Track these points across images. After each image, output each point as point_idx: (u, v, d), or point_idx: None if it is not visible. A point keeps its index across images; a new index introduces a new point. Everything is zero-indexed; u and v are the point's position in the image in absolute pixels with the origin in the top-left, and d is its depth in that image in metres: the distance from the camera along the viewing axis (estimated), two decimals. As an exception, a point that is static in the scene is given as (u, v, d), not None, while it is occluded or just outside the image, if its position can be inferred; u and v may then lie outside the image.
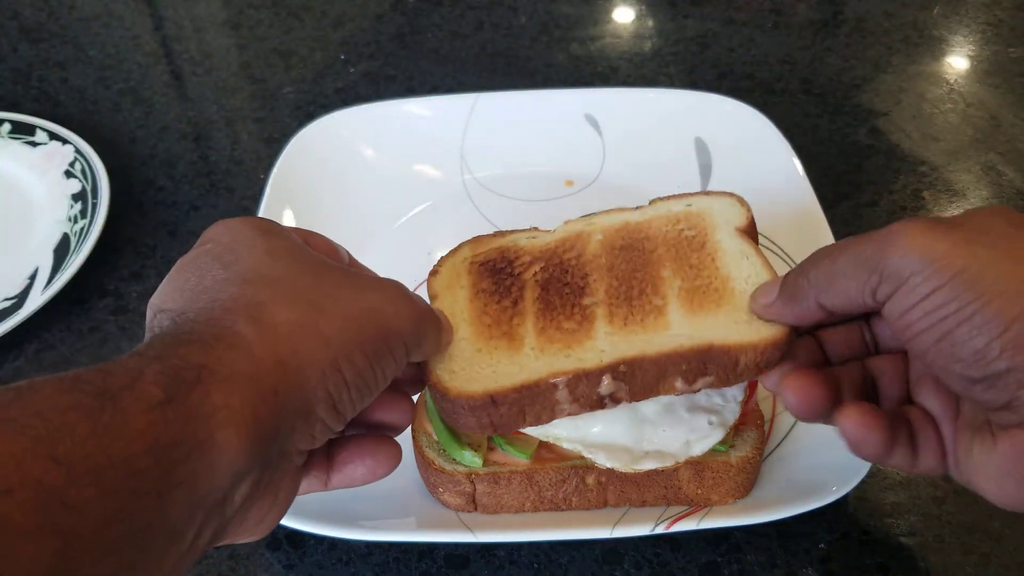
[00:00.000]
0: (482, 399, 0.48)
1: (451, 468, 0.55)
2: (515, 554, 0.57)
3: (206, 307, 0.36)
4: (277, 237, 0.41)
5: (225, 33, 1.07)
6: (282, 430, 0.35)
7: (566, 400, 0.48)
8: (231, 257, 0.39)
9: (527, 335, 0.51)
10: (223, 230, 0.41)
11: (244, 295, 0.37)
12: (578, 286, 0.53)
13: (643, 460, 0.53)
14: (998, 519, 0.57)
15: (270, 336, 0.35)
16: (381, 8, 1.09)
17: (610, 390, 0.48)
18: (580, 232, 0.57)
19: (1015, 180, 0.82)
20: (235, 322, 0.35)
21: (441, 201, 0.79)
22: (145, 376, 0.31)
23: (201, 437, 0.31)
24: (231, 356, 0.34)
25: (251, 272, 0.38)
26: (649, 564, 0.56)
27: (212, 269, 0.38)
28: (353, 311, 0.38)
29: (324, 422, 0.37)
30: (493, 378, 0.48)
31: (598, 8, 1.08)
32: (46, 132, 0.86)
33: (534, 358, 0.49)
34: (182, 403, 0.31)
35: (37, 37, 1.06)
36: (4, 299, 0.72)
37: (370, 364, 0.38)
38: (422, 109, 0.83)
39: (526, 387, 0.48)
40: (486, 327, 0.52)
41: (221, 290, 0.37)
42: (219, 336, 0.35)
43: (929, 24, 1.03)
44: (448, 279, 0.56)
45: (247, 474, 0.34)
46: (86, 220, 0.77)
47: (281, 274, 0.38)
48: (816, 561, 0.56)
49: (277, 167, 0.75)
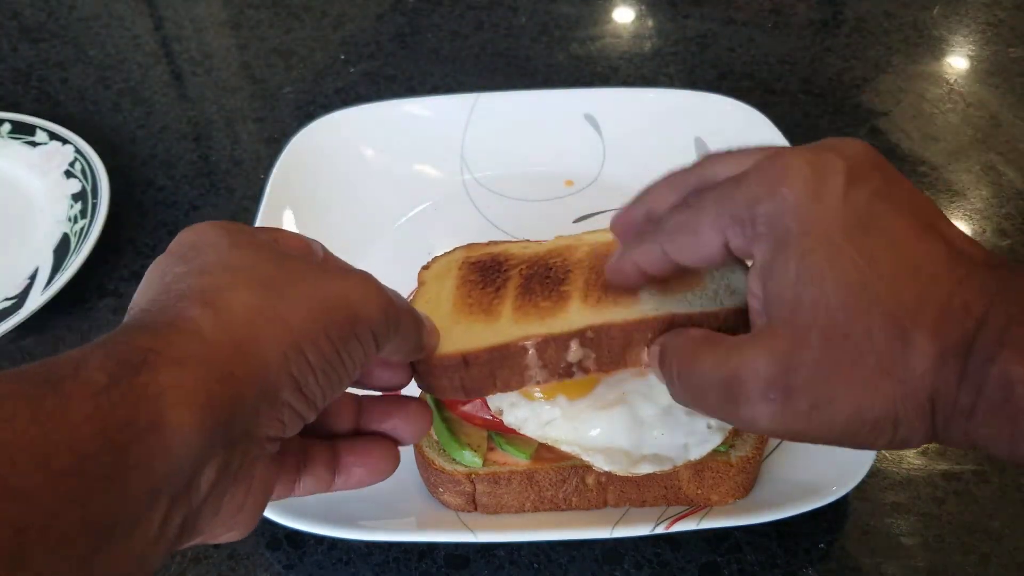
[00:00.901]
0: (454, 359, 0.49)
1: (451, 468, 0.55)
2: (515, 554, 0.57)
3: (161, 298, 0.36)
4: (242, 234, 0.40)
5: (225, 33, 1.07)
6: (243, 412, 0.34)
7: (536, 365, 0.49)
8: (193, 254, 0.38)
9: (504, 311, 0.52)
10: (189, 233, 0.40)
11: (201, 283, 0.36)
12: (559, 279, 0.54)
13: (641, 463, 0.53)
14: (998, 519, 0.57)
15: (225, 320, 0.34)
16: (381, 8, 1.09)
17: (578, 356, 0.49)
18: (569, 245, 0.59)
19: (1015, 180, 0.82)
20: (188, 308, 0.35)
21: (441, 201, 0.79)
22: (89, 363, 0.31)
23: (152, 417, 0.30)
24: (181, 339, 0.33)
25: (211, 263, 0.37)
26: (649, 564, 0.56)
27: (175, 266, 0.38)
28: (316, 296, 0.37)
29: (292, 407, 0.37)
30: (466, 340, 0.50)
31: (598, 8, 1.08)
32: (46, 132, 0.86)
33: (507, 325, 0.51)
34: (128, 385, 0.30)
35: (37, 37, 1.06)
36: (4, 299, 0.72)
37: (336, 349, 0.37)
38: (422, 109, 0.83)
39: (497, 349, 0.49)
40: (467, 306, 0.53)
41: (179, 281, 0.37)
42: (170, 322, 0.34)
43: (929, 24, 1.03)
44: (438, 271, 0.57)
45: (209, 457, 0.33)
46: (86, 220, 0.77)
47: (241, 263, 0.38)
48: (816, 561, 0.56)
49: (277, 167, 0.75)
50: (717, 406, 0.40)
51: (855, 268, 0.37)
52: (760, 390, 0.38)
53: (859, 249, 0.37)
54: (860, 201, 0.38)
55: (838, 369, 0.36)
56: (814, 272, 0.37)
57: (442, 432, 0.56)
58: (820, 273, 0.37)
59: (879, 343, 0.36)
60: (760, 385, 0.38)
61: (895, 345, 0.36)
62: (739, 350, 0.39)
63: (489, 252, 0.59)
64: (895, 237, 0.37)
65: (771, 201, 0.38)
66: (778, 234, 0.38)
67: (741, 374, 0.38)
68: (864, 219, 0.38)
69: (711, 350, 0.41)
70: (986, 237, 0.77)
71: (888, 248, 0.37)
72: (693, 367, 0.41)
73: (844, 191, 0.38)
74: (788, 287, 0.38)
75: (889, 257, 0.37)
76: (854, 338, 0.36)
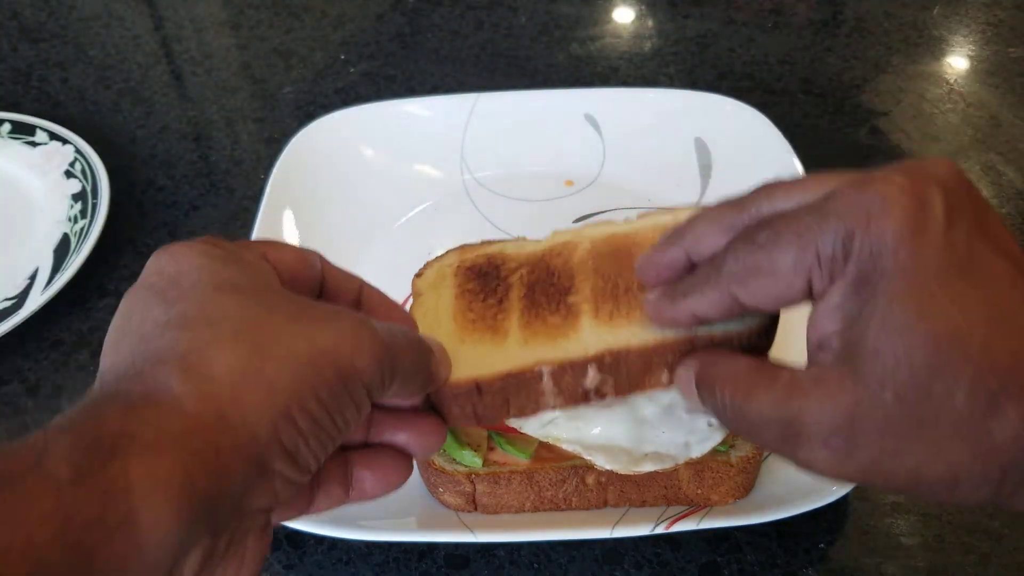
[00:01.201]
0: (467, 386, 0.47)
1: (451, 468, 0.55)
2: (515, 554, 0.57)
3: (137, 359, 0.33)
4: (227, 265, 0.37)
5: (225, 33, 1.07)
6: (231, 490, 0.31)
7: (551, 391, 0.48)
8: (174, 293, 0.35)
9: (512, 329, 0.51)
10: (168, 260, 0.37)
11: (180, 341, 0.33)
12: (564, 287, 0.53)
13: (643, 462, 0.53)
14: (998, 519, 0.57)
15: (207, 387, 0.31)
16: (381, 8, 1.09)
17: (595, 382, 0.48)
18: (567, 241, 0.57)
19: (1015, 180, 0.82)
20: (167, 375, 0.31)
21: (441, 201, 0.79)
22: (52, 452, 0.28)
23: (122, 514, 0.27)
24: (157, 416, 0.30)
25: (192, 312, 0.34)
26: (649, 564, 0.56)
27: (153, 310, 0.35)
28: (305, 352, 0.34)
29: (284, 475, 0.34)
30: (478, 365, 0.48)
31: (598, 8, 1.08)
32: (46, 132, 0.86)
33: (519, 348, 0.49)
34: (95, 479, 0.27)
35: (37, 37, 1.06)
36: (4, 299, 0.72)
37: (327, 411, 0.34)
38: (422, 109, 0.83)
39: (511, 375, 0.47)
40: (470, 322, 0.52)
41: (159, 336, 0.34)
42: (146, 394, 0.31)
43: (929, 24, 1.03)
44: (433, 280, 0.56)
45: (191, 545, 0.30)
46: (86, 220, 0.77)
47: (225, 312, 0.34)
48: (816, 561, 0.56)
49: (277, 167, 0.75)
50: (774, 443, 0.38)
51: (947, 321, 0.33)
52: (823, 438, 0.35)
53: (954, 298, 0.33)
54: (960, 240, 0.34)
55: (909, 428, 0.34)
56: (902, 322, 0.34)
57: (442, 432, 0.56)
58: (908, 324, 0.33)
59: (961, 406, 0.33)
60: (824, 433, 0.35)
61: (978, 409, 0.33)
62: (802, 392, 0.36)
63: (484, 253, 0.58)
64: (993, 285, 0.34)
65: (867, 236, 0.34)
66: (865, 273, 0.35)
67: (804, 419, 0.36)
68: (963, 262, 0.34)
69: (768, 386, 0.38)
70: (986, 237, 0.77)
71: (985, 299, 0.34)
72: (749, 402, 0.38)
73: (945, 227, 0.34)
74: (869, 334, 0.34)
75: (985, 310, 0.33)
76: (934, 399, 0.33)
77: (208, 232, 0.80)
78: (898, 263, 0.34)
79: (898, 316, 0.34)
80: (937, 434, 0.34)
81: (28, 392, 0.68)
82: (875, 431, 0.34)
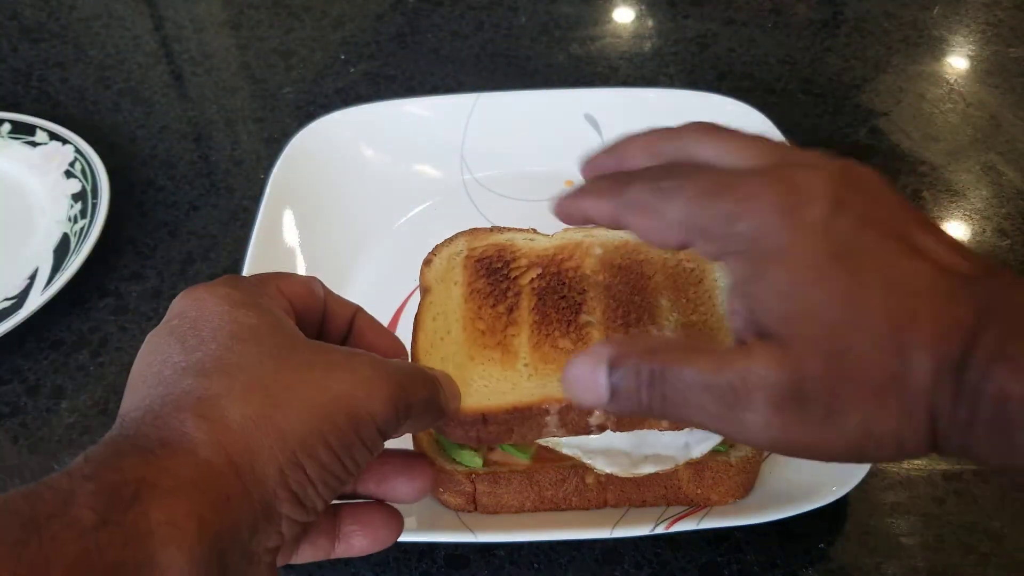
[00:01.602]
0: (473, 416, 0.48)
1: (451, 468, 0.55)
2: (515, 554, 0.57)
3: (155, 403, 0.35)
4: (246, 311, 0.38)
5: (225, 33, 1.07)
6: (239, 536, 0.33)
7: (555, 425, 0.49)
8: (194, 340, 0.37)
9: (521, 349, 0.51)
10: (190, 304, 0.39)
11: (197, 388, 0.35)
12: (575, 301, 0.53)
13: (642, 464, 0.53)
14: (998, 519, 0.57)
15: (222, 435, 0.33)
16: (381, 8, 1.09)
17: (599, 420, 0.49)
18: (579, 242, 0.57)
19: (1015, 180, 0.82)
20: (183, 422, 0.33)
21: (441, 201, 0.79)
22: (77, 498, 0.29)
23: (141, 559, 0.29)
24: (175, 463, 0.32)
25: (210, 360, 0.36)
26: (649, 564, 0.56)
27: (174, 354, 0.37)
28: (317, 400, 0.36)
29: (290, 518, 0.35)
30: (485, 394, 0.49)
31: (598, 8, 1.08)
32: (46, 132, 0.86)
33: (527, 376, 0.50)
34: (118, 524, 0.29)
35: (37, 37, 1.06)
36: (4, 299, 0.72)
37: (337, 457, 0.36)
38: (422, 109, 0.83)
39: (518, 409, 0.48)
40: (480, 333, 0.52)
41: (177, 383, 0.35)
42: (164, 440, 0.33)
43: (929, 24, 1.03)
44: (442, 271, 0.56)
45: None
46: (86, 220, 0.77)
47: (241, 360, 0.36)
48: (816, 561, 0.56)
49: (277, 167, 0.75)
50: (714, 414, 0.38)
51: (846, 285, 0.36)
52: (772, 398, 0.36)
53: (847, 270, 0.36)
54: (844, 228, 0.37)
55: (846, 381, 0.36)
56: (805, 287, 0.36)
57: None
58: (811, 288, 0.36)
59: (880, 358, 0.36)
60: (773, 393, 0.36)
61: (894, 361, 0.35)
62: (739, 358, 0.38)
63: (494, 243, 0.58)
64: (882, 261, 0.37)
65: (748, 222, 0.37)
66: (759, 252, 0.37)
67: (749, 381, 0.37)
68: (849, 245, 0.37)
69: (704, 353, 0.39)
70: (986, 237, 0.77)
71: (875, 270, 0.36)
72: (685, 369, 0.39)
73: (827, 217, 0.37)
74: (779, 301, 0.37)
75: (878, 278, 0.36)
76: (857, 351, 0.36)
77: (208, 232, 0.80)
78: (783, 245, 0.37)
79: (800, 283, 0.36)
80: (871, 388, 0.36)
81: (28, 392, 0.68)
82: (820, 388, 0.36)
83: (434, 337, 0.53)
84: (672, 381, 0.39)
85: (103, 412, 0.66)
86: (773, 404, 0.36)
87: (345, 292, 0.74)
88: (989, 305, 0.36)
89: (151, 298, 0.75)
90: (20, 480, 0.62)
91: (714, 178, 0.40)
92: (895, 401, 0.36)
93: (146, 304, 0.74)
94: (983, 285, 0.37)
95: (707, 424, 0.39)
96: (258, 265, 0.68)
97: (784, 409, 0.36)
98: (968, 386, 0.35)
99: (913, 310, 0.36)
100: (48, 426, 0.65)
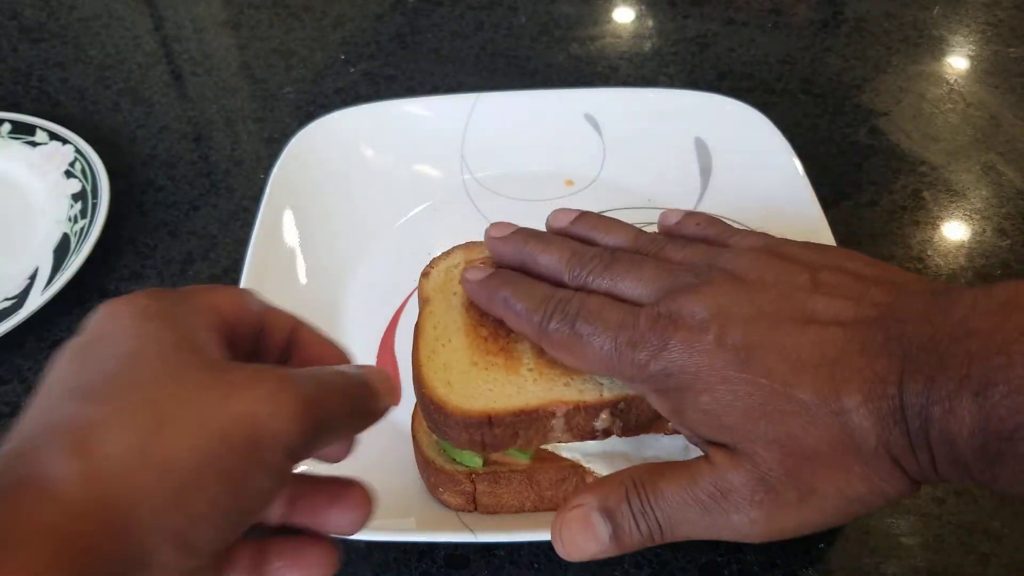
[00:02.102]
0: (479, 418, 0.48)
1: (451, 468, 0.55)
2: (515, 554, 0.57)
3: (29, 433, 0.31)
4: (159, 324, 0.34)
5: (225, 33, 1.07)
6: None
7: (561, 428, 0.49)
8: (93, 358, 0.33)
9: (525, 355, 0.51)
10: (101, 318, 0.35)
11: (79, 415, 0.30)
12: None
13: None
14: (998, 519, 0.57)
15: (94, 469, 0.29)
16: (381, 8, 1.09)
17: (605, 424, 0.49)
18: None
19: (1015, 180, 0.82)
20: (51, 455, 0.29)
21: (441, 201, 0.79)
22: None
23: None
24: (32, 509, 0.27)
25: (101, 380, 0.32)
26: (649, 564, 0.56)
27: (69, 374, 0.33)
28: (213, 422, 0.31)
29: (174, 565, 0.30)
30: (491, 397, 0.49)
31: (598, 8, 1.08)
32: (46, 132, 0.86)
33: (532, 380, 0.50)
34: None
35: (37, 37, 1.06)
36: (4, 299, 0.72)
37: (232, 489, 0.31)
38: (422, 109, 0.83)
39: (525, 412, 0.48)
40: (482, 339, 0.52)
41: (59, 406, 0.31)
42: (22, 479, 0.28)
43: (929, 24, 1.03)
44: (440, 282, 0.56)
45: None
46: (86, 220, 0.77)
47: (138, 377, 0.32)
48: (816, 561, 0.56)
49: (277, 167, 0.75)
50: (705, 525, 0.41)
51: (762, 385, 0.39)
52: (745, 496, 0.39)
53: (756, 371, 0.39)
54: (736, 337, 0.40)
55: (802, 462, 0.38)
56: (725, 400, 0.39)
57: (442, 432, 0.56)
58: (731, 399, 0.39)
59: (822, 432, 0.37)
60: (744, 492, 0.39)
61: (836, 430, 0.37)
62: (706, 469, 0.41)
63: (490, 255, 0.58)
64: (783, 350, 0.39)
65: (656, 363, 0.42)
66: (675, 386, 0.41)
67: (720, 487, 0.40)
68: (743, 351, 0.40)
69: (673, 473, 0.42)
70: (986, 237, 0.77)
71: (781, 359, 0.39)
72: (664, 491, 0.42)
73: (719, 336, 0.41)
74: (709, 419, 0.40)
75: (786, 365, 0.39)
76: (798, 434, 0.38)
77: (208, 232, 0.80)
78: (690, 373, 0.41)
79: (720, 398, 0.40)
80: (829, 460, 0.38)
81: (28, 392, 0.68)
82: (781, 475, 0.38)
83: (435, 344, 0.53)
84: (660, 504, 0.42)
85: (103, 412, 0.66)
86: (749, 502, 0.39)
87: (345, 292, 0.74)
88: (905, 348, 0.37)
89: (151, 298, 0.75)
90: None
91: (618, 323, 0.44)
92: (856, 464, 0.37)
93: (146, 304, 0.74)
94: (894, 324, 0.38)
95: (704, 536, 0.41)
96: (258, 265, 0.68)
97: (761, 503, 0.39)
98: (915, 434, 0.36)
99: (832, 378, 0.38)
100: (48, 426, 0.65)
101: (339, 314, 0.70)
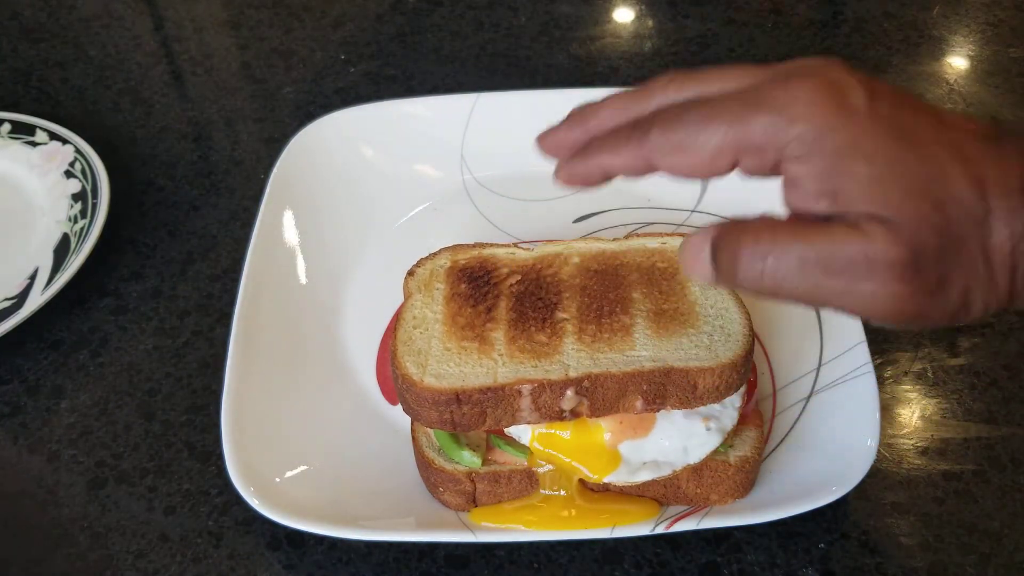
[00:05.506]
0: (447, 395, 0.50)
1: (451, 468, 0.55)
2: (515, 554, 0.57)
3: None
4: None
5: (225, 33, 1.07)
6: None
7: (528, 408, 0.50)
8: None
9: (498, 341, 0.53)
10: None
11: None
12: (552, 302, 0.55)
13: (640, 471, 0.54)
14: (998, 519, 0.57)
15: None
16: (381, 8, 1.09)
17: (572, 404, 0.50)
18: (558, 253, 0.59)
19: (1015, 180, 0.82)
20: None
21: (441, 201, 0.79)
22: None
23: None
24: None
25: None
26: (649, 564, 0.56)
27: None
28: None
29: None
30: (460, 377, 0.50)
31: (598, 8, 1.08)
32: (46, 132, 0.86)
33: (502, 364, 0.51)
34: None
35: (37, 37, 1.06)
36: (4, 299, 0.72)
37: None
38: (422, 109, 0.83)
39: (491, 390, 0.50)
40: (459, 328, 0.54)
41: None
42: None
43: (929, 24, 1.03)
44: (425, 279, 0.58)
45: None
46: (86, 220, 0.77)
47: None
48: (816, 561, 0.56)
49: (277, 167, 0.75)
50: (826, 287, 0.39)
51: (927, 165, 0.38)
52: (894, 271, 0.38)
53: (917, 150, 0.38)
54: (885, 110, 0.39)
55: (952, 252, 0.38)
56: (894, 172, 0.38)
57: (441, 433, 0.56)
58: (899, 172, 0.38)
59: (972, 229, 0.38)
60: (895, 266, 0.38)
61: (983, 228, 0.38)
62: (854, 237, 0.39)
63: (476, 256, 0.59)
64: (934, 136, 0.39)
65: (804, 124, 0.39)
66: (827, 149, 0.39)
67: (870, 256, 0.38)
68: (900, 125, 0.39)
69: (813, 231, 0.39)
70: (986, 237, 0.77)
71: (935, 144, 0.39)
72: (791, 247, 0.39)
73: (869, 103, 0.39)
74: (873, 188, 0.38)
75: (943, 152, 0.38)
76: (955, 224, 0.38)
77: (208, 232, 0.80)
78: (846, 137, 0.38)
79: (883, 167, 0.38)
80: (968, 258, 0.38)
81: (28, 392, 0.68)
82: (931, 258, 0.38)
83: (413, 332, 0.54)
84: (786, 258, 0.40)
85: (103, 412, 0.66)
86: (896, 277, 0.38)
87: (345, 292, 0.74)
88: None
89: (151, 298, 0.75)
90: (20, 480, 0.62)
91: (736, 99, 0.41)
92: (985, 266, 0.39)
93: (146, 304, 0.74)
94: (1013, 141, 0.39)
95: (812, 297, 0.40)
96: (258, 265, 0.68)
97: (905, 280, 0.38)
98: None
99: (980, 178, 0.38)
100: (48, 426, 0.65)
101: (339, 314, 0.70)
